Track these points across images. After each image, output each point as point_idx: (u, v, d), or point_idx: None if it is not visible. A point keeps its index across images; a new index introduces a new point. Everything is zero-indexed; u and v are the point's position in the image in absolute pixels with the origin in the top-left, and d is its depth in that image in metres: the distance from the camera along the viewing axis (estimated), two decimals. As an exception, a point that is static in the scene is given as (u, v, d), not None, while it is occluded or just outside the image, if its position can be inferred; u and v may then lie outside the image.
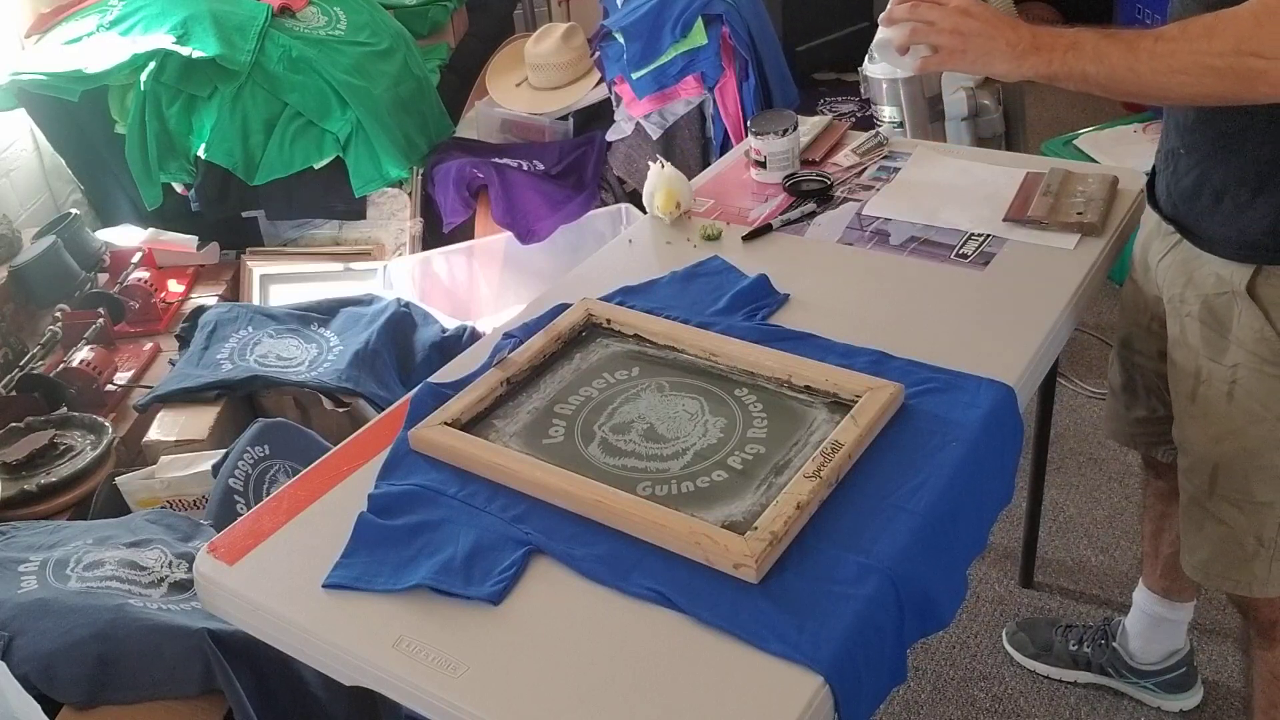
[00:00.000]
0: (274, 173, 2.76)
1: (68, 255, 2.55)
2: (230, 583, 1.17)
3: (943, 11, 1.29)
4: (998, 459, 1.27)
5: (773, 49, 2.81)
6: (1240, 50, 1.08)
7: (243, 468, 1.79)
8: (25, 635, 1.34)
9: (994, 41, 1.25)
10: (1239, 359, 1.32)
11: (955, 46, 1.28)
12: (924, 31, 1.30)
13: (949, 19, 1.28)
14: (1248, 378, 1.32)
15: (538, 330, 1.46)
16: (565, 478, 1.20)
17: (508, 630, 1.06)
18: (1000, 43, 1.25)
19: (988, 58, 1.26)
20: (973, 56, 1.27)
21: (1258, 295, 1.29)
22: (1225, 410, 1.35)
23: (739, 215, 1.76)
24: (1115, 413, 1.71)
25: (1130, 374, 1.62)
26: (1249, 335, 1.30)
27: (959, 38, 1.27)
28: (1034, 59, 1.23)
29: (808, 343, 1.40)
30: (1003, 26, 1.25)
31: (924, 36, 1.31)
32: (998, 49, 1.25)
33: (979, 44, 1.26)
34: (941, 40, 1.29)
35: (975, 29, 1.26)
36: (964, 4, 1.29)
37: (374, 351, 2.27)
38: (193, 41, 2.65)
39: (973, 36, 1.26)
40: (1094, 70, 1.19)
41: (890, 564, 1.07)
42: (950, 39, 1.28)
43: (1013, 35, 1.24)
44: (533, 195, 2.81)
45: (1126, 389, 1.65)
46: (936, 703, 1.96)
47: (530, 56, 3.02)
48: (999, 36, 1.25)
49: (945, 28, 1.28)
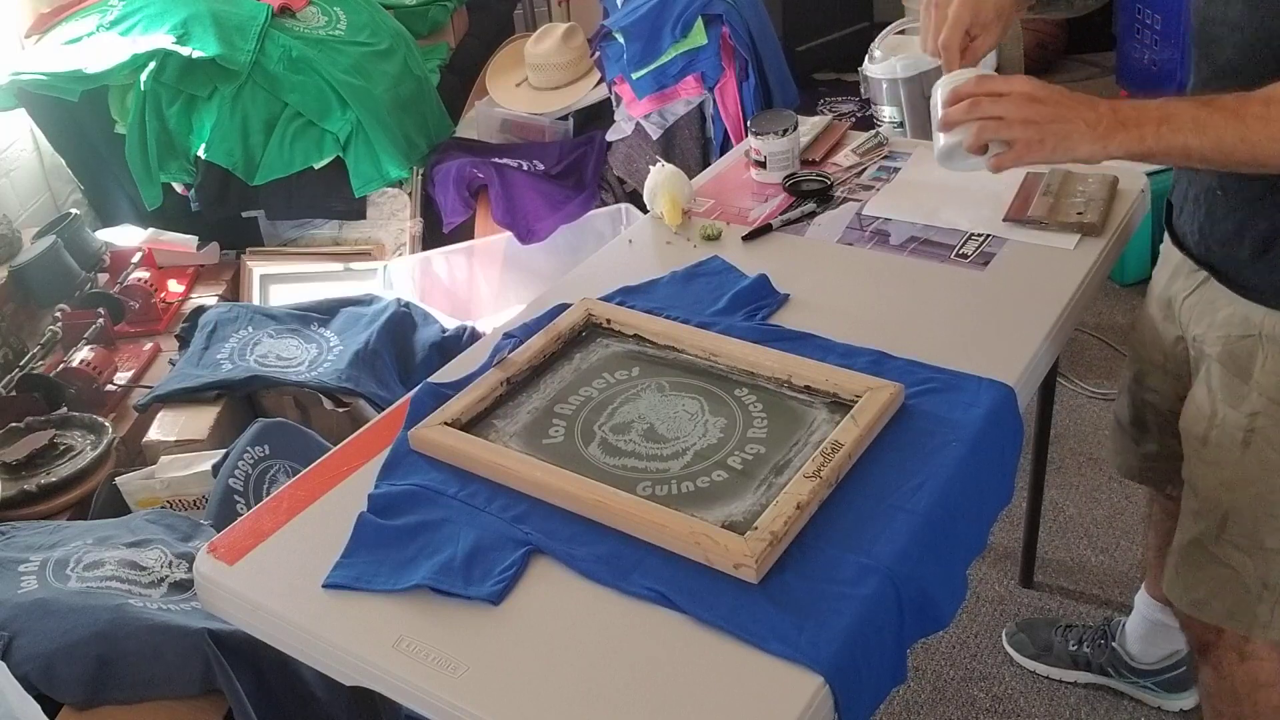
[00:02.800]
0: (274, 173, 2.76)
1: (68, 255, 2.55)
2: (230, 583, 1.17)
3: (1007, 103, 1.16)
4: (998, 459, 1.27)
5: (773, 49, 2.81)
6: None
7: (243, 468, 1.79)
8: (25, 635, 1.34)
9: (1071, 124, 1.13)
10: (1259, 407, 1.26)
11: (1030, 138, 1.14)
12: (993, 128, 1.16)
13: (1018, 110, 1.15)
14: (1267, 426, 1.26)
15: (538, 330, 1.46)
16: (565, 478, 1.20)
17: (508, 630, 1.06)
18: (1079, 124, 1.13)
19: (1067, 143, 1.13)
20: (1051, 145, 1.14)
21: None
22: (1239, 457, 1.29)
23: (739, 215, 1.76)
24: (1124, 447, 1.65)
25: (1140, 410, 1.57)
26: (1273, 383, 1.24)
27: (1033, 128, 1.14)
28: (1121, 136, 1.12)
29: (808, 343, 1.40)
30: (1078, 106, 1.14)
31: (994, 133, 1.16)
32: (1076, 131, 1.13)
33: (1055, 130, 1.13)
34: (1014, 134, 1.15)
35: (1048, 115, 1.14)
36: (1028, 89, 1.15)
37: (374, 351, 2.27)
38: (193, 41, 2.65)
39: (1047, 124, 1.14)
40: (1196, 143, 1.09)
41: (890, 564, 1.07)
42: (1024, 131, 1.14)
43: (1090, 114, 1.13)
44: (533, 195, 2.81)
45: (1136, 423, 1.59)
46: (936, 703, 1.96)
47: (530, 56, 3.03)
48: (1075, 118, 1.13)
49: (1015, 120, 1.15)
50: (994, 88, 1.17)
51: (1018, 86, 1.16)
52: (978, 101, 1.17)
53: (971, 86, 1.18)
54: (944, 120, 1.20)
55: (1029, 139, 1.14)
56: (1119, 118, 1.12)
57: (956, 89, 1.19)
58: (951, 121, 1.19)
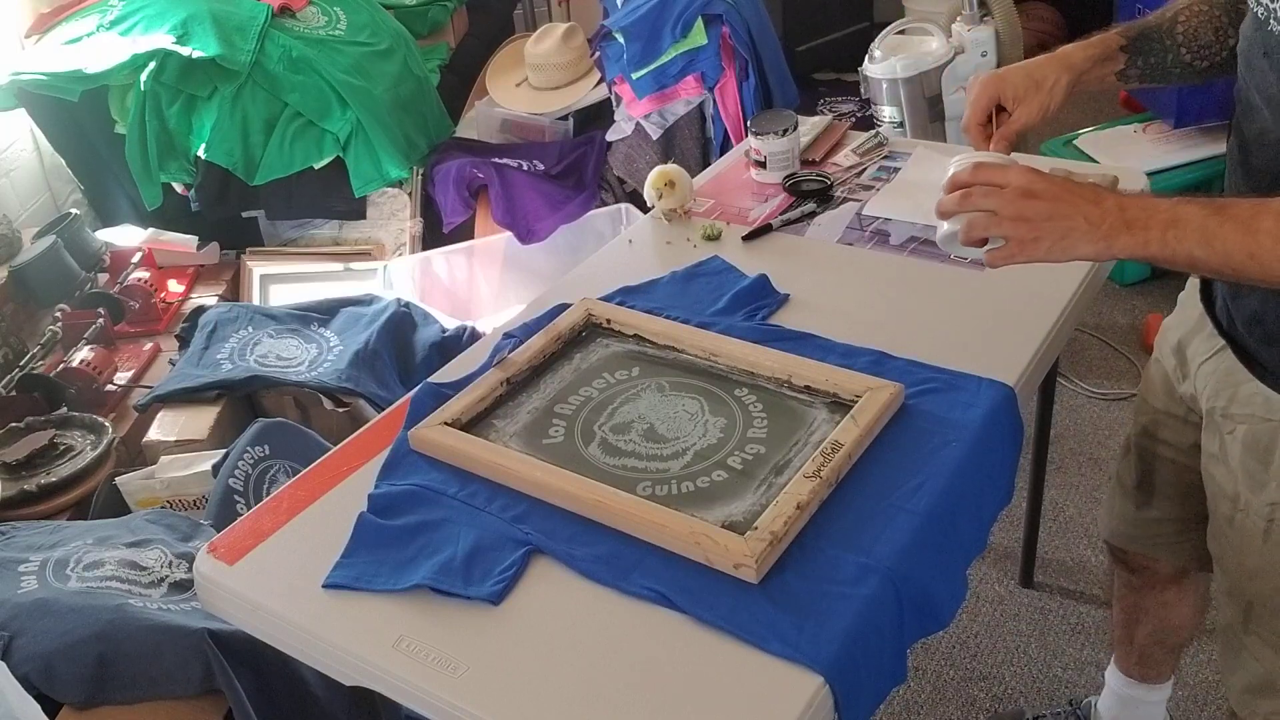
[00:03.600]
0: (274, 173, 2.76)
1: (68, 255, 2.55)
2: (230, 583, 1.17)
3: (1000, 198, 1.06)
4: (998, 459, 1.27)
5: (773, 49, 2.81)
6: None
7: (243, 468, 1.79)
8: (25, 635, 1.34)
9: (1071, 221, 1.03)
10: (1278, 498, 1.16)
11: (1024, 237, 1.05)
12: (983, 223, 1.07)
13: (1011, 206, 1.05)
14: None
15: (538, 330, 1.46)
16: (565, 478, 1.20)
17: (508, 630, 1.06)
18: (1079, 221, 1.03)
19: (1067, 242, 1.04)
20: (1048, 243, 1.04)
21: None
22: (1260, 547, 1.19)
23: (739, 215, 1.76)
24: (1122, 513, 1.51)
25: (1149, 469, 1.44)
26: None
27: (1025, 226, 1.04)
28: (1125, 239, 1.01)
29: (808, 343, 1.40)
30: (1079, 201, 1.04)
31: (984, 230, 1.07)
32: (1077, 229, 1.03)
33: (1053, 229, 1.04)
34: (1005, 231, 1.06)
35: (1045, 212, 1.04)
36: (1024, 183, 1.05)
37: (374, 351, 2.27)
38: (193, 41, 2.65)
39: (1043, 222, 1.04)
40: (1203, 255, 0.98)
41: (890, 564, 1.07)
42: (1015, 229, 1.05)
43: (1094, 211, 1.03)
44: (533, 195, 2.81)
45: (1142, 487, 1.46)
46: (936, 703, 1.96)
47: (530, 56, 3.02)
48: (1075, 214, 1.03)
49: (1007, 216, 1.05)
50: (990, 178, 1.07)
51: (1014, 180, 1.06)
52: (970, 193, 1.08)
53: (968, 175, 1.09)
54: (938, 209, 1.12)
55: (1022, 238, 1.05)
56: (1125, 217, 1.02)
57: (954, 176, 1.11)
58: (944, 212, 1.12)
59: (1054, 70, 1.22)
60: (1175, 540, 1.45)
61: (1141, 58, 1.24)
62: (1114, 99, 3.83)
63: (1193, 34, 1.23)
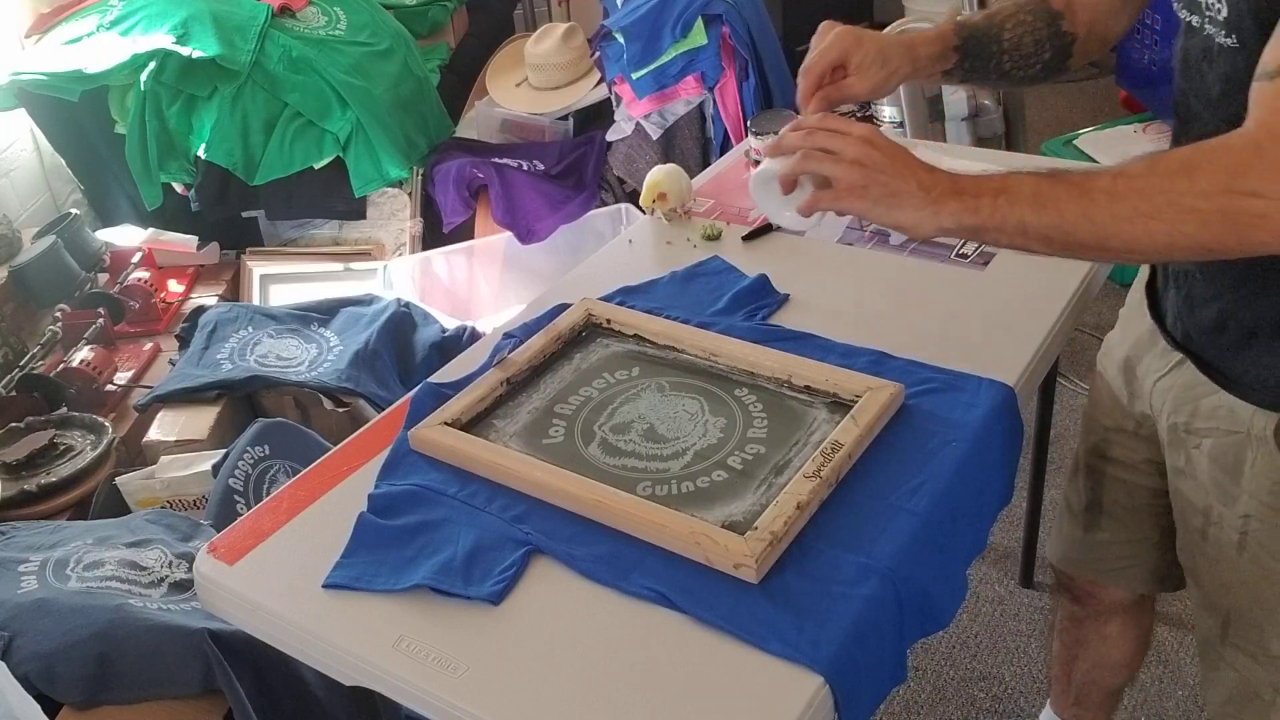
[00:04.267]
0: (274, 173, 2.77)
1: (68, 255, 2.55)
2: (230, 583, 1.17)
3: (844, 140, 1.03)
4: (998, 459, 1.27)
5: (773, 49, 2.81)
6: (1233, 188, 0.86)
7: (243, 468, 1.79)
8: (25, 635, 1.34)
9: (903, 182, 1.00)
10: (1251, 510, 1.14)
11: (855, 181, 1.01)
12: (819, 159, 1.03)
13: (852, 148, 1.02)
14: (1260, 530, 1.14)
15: (538, 330, 1.46)
16: (565, 478, 1.20)
17: (508, 630, 1.06)
18: (911, 184, 1.00)
19: (894, 199, 1.00)
20: (875, 195, 1.01)
21: None
22: (1235, 559, 1.18)
23: (739, 215, 1.76)
24: (1070, 536, 1.48)
25: (1098, 490, 1.41)
26: (1264, 486, 1.12)
27: (860, 171, 1.01)
28: (954, 205, 0.98)
29: (808, 343, 1.40)
30: (915, 166, 1.01)
31: (818, 165, 1.03)
32: (907, 190, 1.00)
33: (884, 182, 1.01)
34: (839, 172, 1.02)
35: (881, 163, 1.01)
36: (869, 134, 1.03)
37: (374, 351, 2.27)
38: (193, 41, 2.65)
39: (876, 172, 1.01)
40: (1034, 220, 0.95)
41: (890, 564, 1.07)
42: (849, 171, 1.02)
43: (926, 177, 1.00)
44: (533, 195, 2.81)
45: (1090, 509, 1.43)
46: (936, 703, 1.96)
47: (530, 56, 3.02)
48: (909, 176, 1.00)
49: (846, 157, 1.02)
50: (835, 124, 1.06)
51: (858, 130, 1.04)
52: (814, 131, 1.05)
53: (815, 121, 1.07)
54: (775, 144, 1.08)
55: (853, 181, 1.02)
56: (955, 185, 0.99)
57: (799, 121, 1.09)
58: (783, 146, 1.07)
59: (899, 56, 1.20)
60: (1124, 565, 1.43)
61: (969, 60, 1.25)
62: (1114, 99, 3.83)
63: (1017, 42, 1.24)
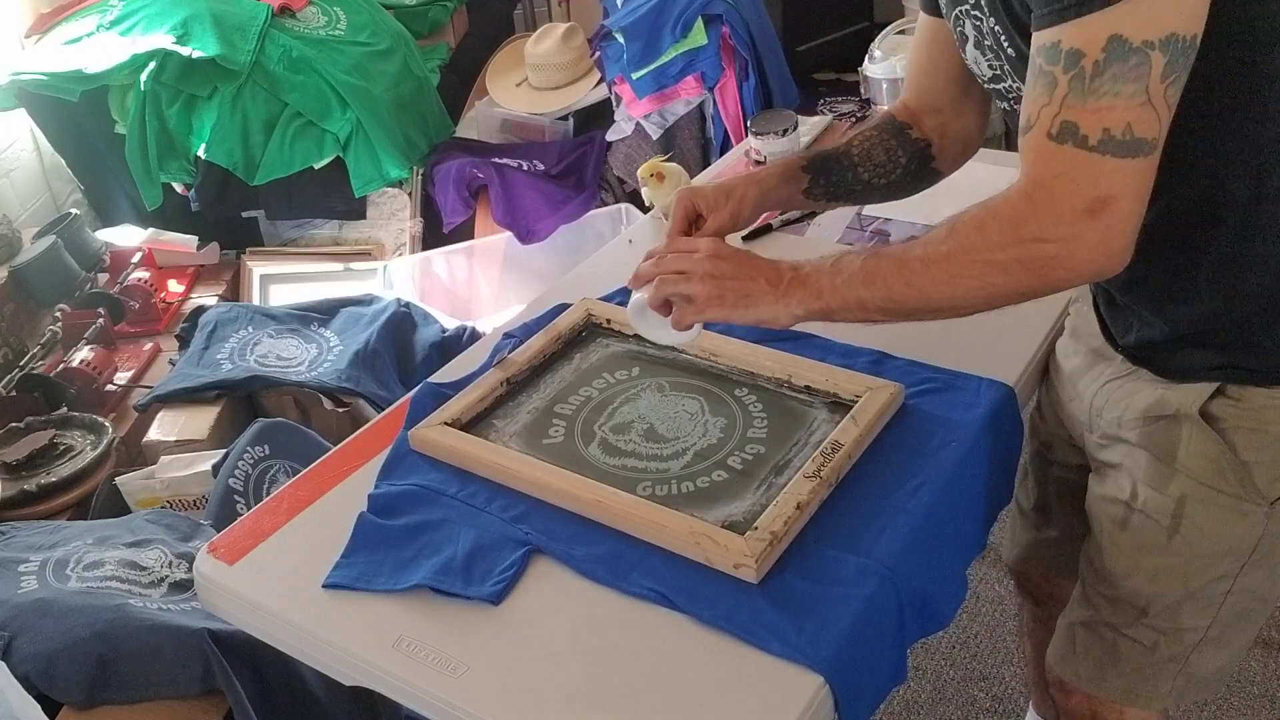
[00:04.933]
0: (274, 173, 2.77)
1: (68, 255, 2.55)
2: (230, 583, 1.17)
3: (691, 260, 1.13)
4: (998, 459, 1.27)
5: (773, 49, 2.81)
6: (1020, 238, 0.93)
7: (243, 468, 1.79)
8: (25, 635, 1.34)
9: (754, 284, 1.09)
10: (1186, 489, 1.14)
11: (710, 293, 1.10)
12: (672, 281, 1.13)
13: (699, 265, 1.12)
14: (1197, 511, 1.14)
15: (538, 330, 1.46)
16: (565, 478, 1.20)
17: (508, 630, 1.06)
18: (760, 283, 1.09)
19: (748, 300, 1.09)
20: (731, 301, 1.10)
21: (1215, 418, 1.11)
22: (1164, 544, 1.17)
23: (739, 215, 1.75)
24: (1023, 536, 1.52)
25: (1044, 489, 1.46)
26: (1200, 464, 1.12)
27: (712, 283, 1.10)
28: (800, 294, 1.07)
29: (808, 343, 1.40)
30: (762, 266, 1.11)
31: (673, 287, 1.13)
32: (758, 290, 1.09)
33: (734, 287, 1.10)
34: (693, 289, 1.11)
35: (729, 271, 1.10)
36: (713, 248, 1.13)
37: (374, 351, 2.27)
38: (193, 41, 2.65)
39: (726, 280, 1.10)
40: (868, 295, 1.03)
41: (890, 564, 1.07)
42: (703, 286, 1.10)
43: (772, 273, 1.09)
44: (533, 195, 2.81)
45: (1039, 509, 1.48)
46: (936, 703, 1.96)
47: (530, 56, 3.03)
48: (758, 277, 1.09)
49: (696, 274, 1.11)
50: (686, 245, 1.16)
51: (703, 246, 1.14)
52: (664, 257, 1.15)
53: (662, 247, 1.18)
54: (634, 276, 1.18)
55: (708, 294, 1.10)
56: (798, 275, 1.08)
57: (649, 251, 1.19)
58: (639, 275, 1.17)
59: (742, 185, 1.28)
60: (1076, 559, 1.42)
61: (823, 176, 1.30)
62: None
63: (866, 155, 1.30)
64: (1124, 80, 0.86)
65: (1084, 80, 0.88)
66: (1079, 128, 0.89)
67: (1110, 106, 0.87)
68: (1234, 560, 1.15)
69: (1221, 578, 1.17)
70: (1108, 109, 0.87)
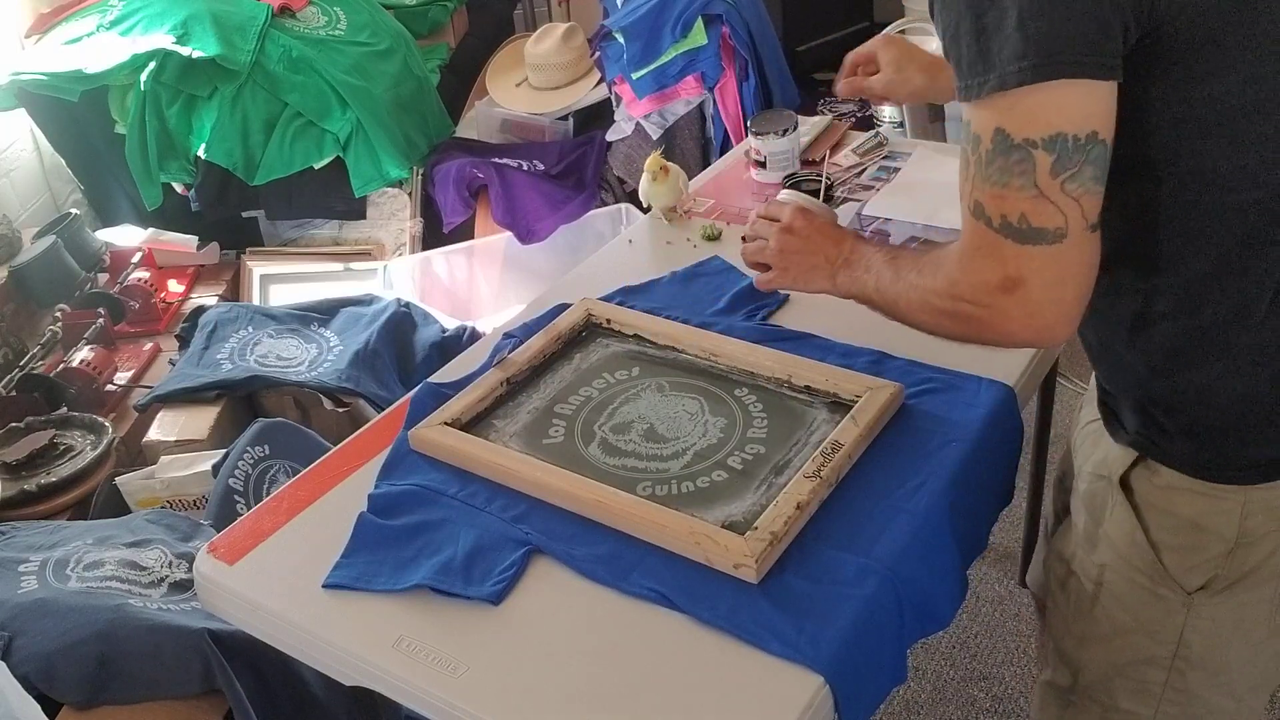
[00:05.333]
0: (274, 173, 2.76)
1: (68, 255, 2.55)
2: (230, 583, 1.17)
3: (770, 229, 1.24)
4: (998, 459, 1.27)
5: (773, 49, 2.81)
6: (954, 295, 0.94)
7: (243, 468, 1.79)
8: (25, 635, 1.34)
9: (815, 258, 1.18)
10: (1107, 559, 1.10)
11: (780, 266, 1.23)
12: (754, 250, 1.27)
13: (775, 239, 1.23)
14: (1115, 582, 1.10)
15: (538, 330, 1.46)
16: (565, 478, 1.20)
17: (508, 630, 1.06)
18: (819, 258, 1.18)
19: (810, 275, 1.20)
20: (794, 275, 1.22)
21: (1133, 489, 1.06)
22: (1089, 611, 1.13)
23: (739, 215, 1.76)
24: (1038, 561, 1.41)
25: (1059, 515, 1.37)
26: (1119, 536, 1.08)
27: (782, 257, 1.22)
28: (843, 275, 1.15)
29: (808, 343, 1.40)
30: (825, 242, 1.18)
31: (755, 254, 1.27)
32: (818, 266, 1.18)
33: (799, 263, 1.20)
34: (769, 259, 1.24)
35: (797, 247, 1.20)
36: (788, 221, 1.22)
37: (374, 351, 2.27)
38: (193, 41, 2.65)
39: (792, 255, 1.21)
40: (875, 295, 1.09)
41: (890, 564, 1.07)
42: (775, 259, 1.23)
43: (832, 250, 1.17)
44: (533, 195, 2.81)
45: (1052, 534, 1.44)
46: (936, 703, 1.96)
47: (530, 56, 3.02)
48: (819, 252, 1.18)
49: (773, 249, 1.23)
50: (772, 212, 1.26)
51: (785, 217, 1.23)
52: (756, 223, 1.27)
53: (761, 210, 1.29)
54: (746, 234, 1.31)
55: (780, 267, 1.23)
56: (847, 259, 1.15)
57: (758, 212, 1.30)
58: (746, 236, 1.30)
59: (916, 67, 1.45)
60: None
61: None
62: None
63: None
64: (1009, 174, 0.86)
65: (981, 165, 0.88)
66: (984, 209, 0.89)
67: (1002, 195, 0.87)
68: (1159, 645, 1.08)
69: (1150, 663, 1.10)
70: (1000, 197, 0.87)
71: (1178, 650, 1.08)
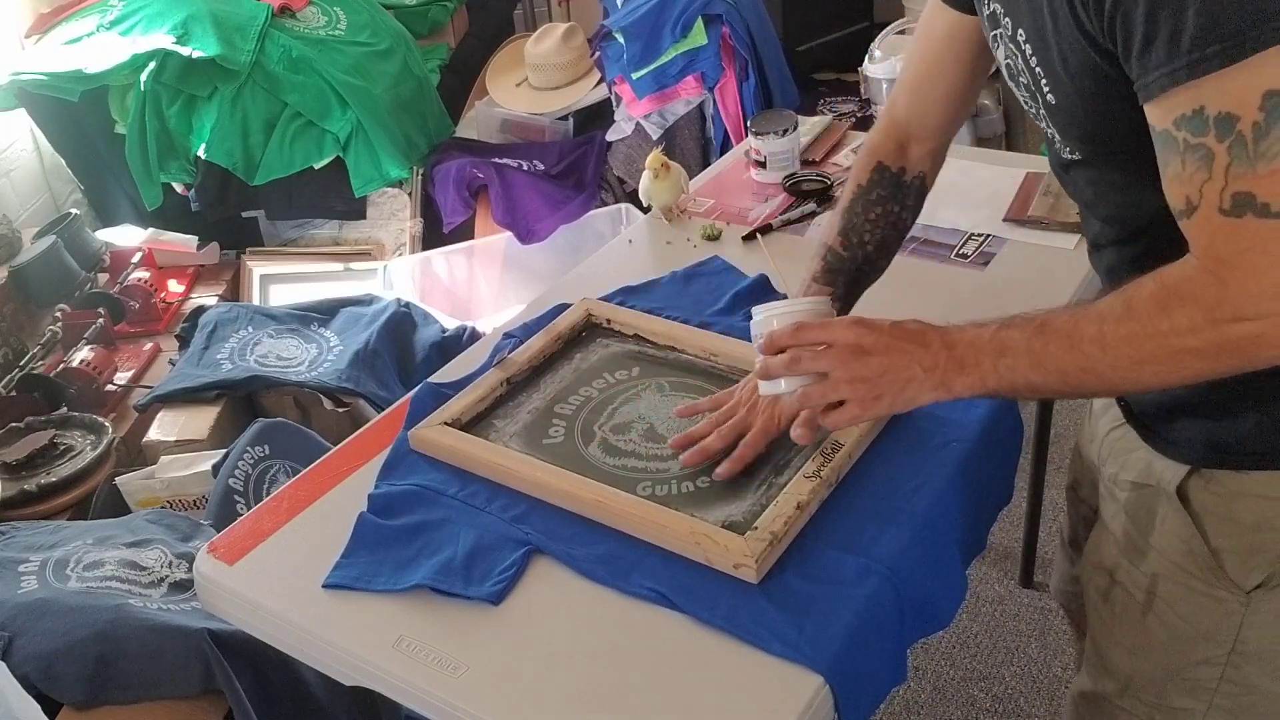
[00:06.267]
0: (274, 173, 2.77)
1: (68, 255, 2.55)
2: (230, 583, 1.17)
3: (831, 359, 1.00)
4: (998, 459, 1.27)
5: (773, 49, 2.81)
6: (1216, 320, 0.83)
7: (243, 468, 1.79)
8: (25, 635, 1.34)
9: (908, 371, 0.98)
10: (1159, 569, 1.08)
11: (865, 397, 1.00)
12: (820, 392, 1.01)
13: (844, 367, 1.00)
14: (1170, 591, 1.08)
15: (538, 330, 1.46)
16: (565, 478, 1.20)
17: (508, 630, 1.06)
18: (915, 370, 0.98)
19: (908, 393, 0.99)
20: (889, 399, 0.99)
21: (1189, 499, 1.03)
22: (1140, 622, 1.11)
23: (739, 215, 1.76)
24: (1063, 570, 1.46)
25: (1076, 524, 1.41)
26: (1173, 544, 1.06)
27: (865, 385, 0.99)
28: (962, 380, 0.97)
29: (808, 343, 1.39)
30: (910, 348, 0.99)
31: (822, 397, 1.01)
32: (915, 378, 0.98)
33: (891, 382, 0.99)
34: (845, 394, 1.00)
35: (879, 367, 0.99)
36: (852, 339, 1.00)
37: (374, 351, 2.27)
38: (193, 41, 2.65)
39: (879, 378, 0.99)
40: (1040, 379, 0.94)
41: (890, 564, 1.07)
42: (853, 390, 1.00)
43: (926, 356, 0.98)
44: (533, 195, 2.81)
45: (1074, 542, 1.42)
46: (936, 703, 1.96)
47: (530, 56, 3.03)
48: (911, 364, 0.98)
49: (843, 380, 1.00)
50: (814, 337, 1.02)
51: (840, 336, 1.01)
52: (798, 357, 1.02)
53: (788, 338, 1.03)
54: (763, 372, 1.05)
55: (863, 398, 1.00)
56: (955, 357, 0.97)
57: (772, 336, 1.05)
58: (772, 375, 1.04)
59: None
60: None
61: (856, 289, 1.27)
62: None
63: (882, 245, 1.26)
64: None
65: (1246, 146, 0.79)
66: (1255, 197, 0.80)
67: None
68: (1215, 646, 1.07)
69: (1205, 662, 1.09)
70: None
71: (1234, 646, 1.07)
